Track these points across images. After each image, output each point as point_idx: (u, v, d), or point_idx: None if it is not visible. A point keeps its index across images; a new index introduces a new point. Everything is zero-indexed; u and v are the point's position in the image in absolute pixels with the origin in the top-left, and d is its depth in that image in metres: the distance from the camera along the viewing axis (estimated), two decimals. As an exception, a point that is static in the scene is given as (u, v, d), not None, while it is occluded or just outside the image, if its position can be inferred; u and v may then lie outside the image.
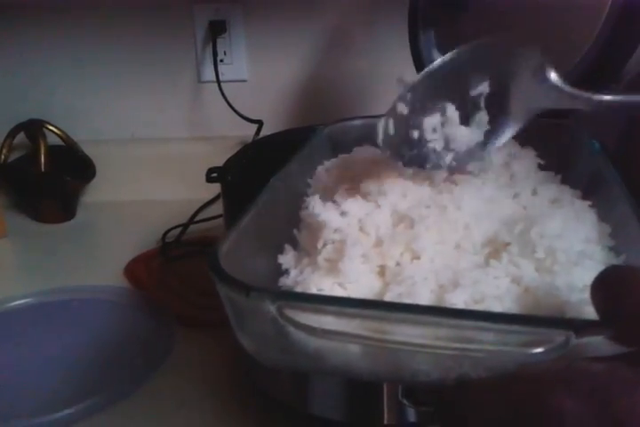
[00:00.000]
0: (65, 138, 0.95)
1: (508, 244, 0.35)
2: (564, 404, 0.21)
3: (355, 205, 0.39)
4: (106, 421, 0.53)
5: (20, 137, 0.95)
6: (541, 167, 0.47)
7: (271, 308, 0.27)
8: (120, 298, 0.71)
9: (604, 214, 0.40)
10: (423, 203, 0.39)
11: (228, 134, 0.99)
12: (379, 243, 0.36)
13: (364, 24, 0.95)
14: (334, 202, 0.40)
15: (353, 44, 0.96)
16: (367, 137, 0.51)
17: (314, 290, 0.33)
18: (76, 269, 0.80)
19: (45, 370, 0.59)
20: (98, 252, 0.87)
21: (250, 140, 0.95)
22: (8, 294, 0.71)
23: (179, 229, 0.84)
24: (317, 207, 0.39)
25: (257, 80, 0.98)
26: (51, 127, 0.94)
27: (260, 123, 0.96)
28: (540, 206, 0.40)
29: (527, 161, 0.46)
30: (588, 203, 0.41)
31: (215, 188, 0.67)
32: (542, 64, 0.39)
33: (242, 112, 0.95)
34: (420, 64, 0.69)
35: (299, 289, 0.34)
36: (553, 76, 0.39)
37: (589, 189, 0.43)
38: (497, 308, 0.31)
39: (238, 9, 0.93)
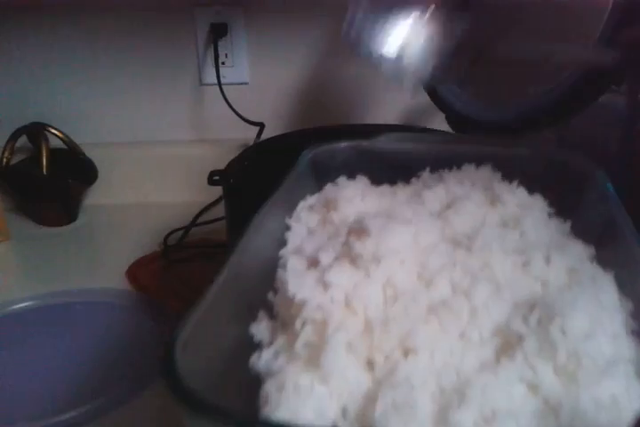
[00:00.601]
0: (67, 141, 0.95)
1: (521, 337, 0.31)
2: None
3: (341, 275, 0.35)
4: (109, 424, 0.53)
5: (23, 140, 0.95)
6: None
7: None
8: (122, 301, 0.71)
9: (620, 279, 0.37)
10: (424, 275, 0.36)
11: (229, 137, 0.99)
12: (368, 328, 0.32)
13: (365, 26, 0.95)
14: (316, 266, 0.36)
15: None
16: (354, 161, 0.51)
17: (290, 387, 0.29)
18: (78, 271, 0.80)
19: (48, 373, 0.59)
20: (100, 254, 0.87)
21: (251, 142, 0.95)
22: (10, 297, 0.71)
23: (180, 232, 0.84)
24: (294, 278, 0.35)
25: (258, 83, 0.98)
26: (53, 130, 0.94)
27: (261, 125, 0.96)
28: (557, 281, 0.36)
29: (537, 213, 0.44)
30: (607, 275, 0.37)
31: (217, 190, 0.67)
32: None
33: (243, 115, 0.95)
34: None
35: (272, 382, 0.30)
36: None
37: (601, 240, 0.41)
38: None
39: (239, 11, 0.93)
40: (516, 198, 0.44)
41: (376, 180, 0.50)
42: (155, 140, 1.01)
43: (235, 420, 0.25)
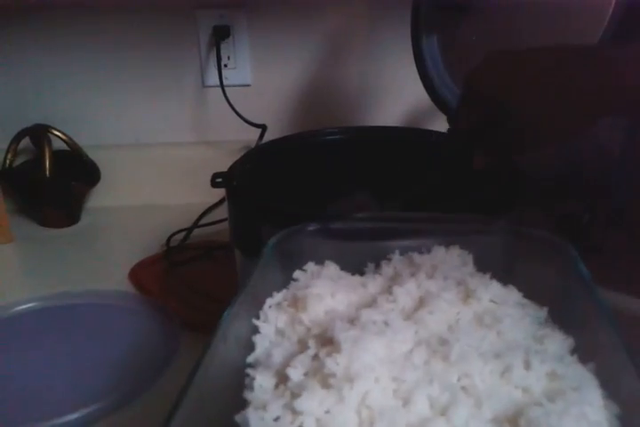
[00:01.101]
0: (70, 143, 0.95)
1: None
2: None
3: (312, 402, 0.33)
4: (112, 425, 0.53)
5: (25, 142, 0.96)
6: (528, 295, 0.45)
7: None
8: (124, 302, 0.71)
9: (603, 376, 0.36)
10: (401, 391, 0.34)
11: (231, 139, 0.99)
12: None
13: (367, 29, 0.95)
14: (285, 383, 0.35)
15: (356, 49, 0.96)
16: (320, 245, 0.49)
17: None
18: (81, 273, 0.80)
19: (50, 375, 0.59)
20: (102, 256, 0.87)
21: (253, 144, 0.95)
22: (13, 299, 0.72)
23: (183, 234, 0.84)
24: (255, 414, 0.33)
25: (261, 85, 0.98)
26: (56, 132, 0.94)
27: (263, 127, 0.97)
28: (538, 387, 0.35)
29: (512, 309, 0.43)
30: (589, 375, 0.37)
31: (219, 192, 0.67)
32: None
33: (246, 116, 0.95)
34: (422, 67, 0.70)
35: None
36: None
37: (578, 325, 0.41)
38: None
39: (242, 14, 0.94)
40: (490, 293, 0.44)
41: (345, 262, 0.49)
42: (157, 142, 1.01)
43: None
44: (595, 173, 0.69)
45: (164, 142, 1.01)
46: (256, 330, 0.42)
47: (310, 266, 0.48)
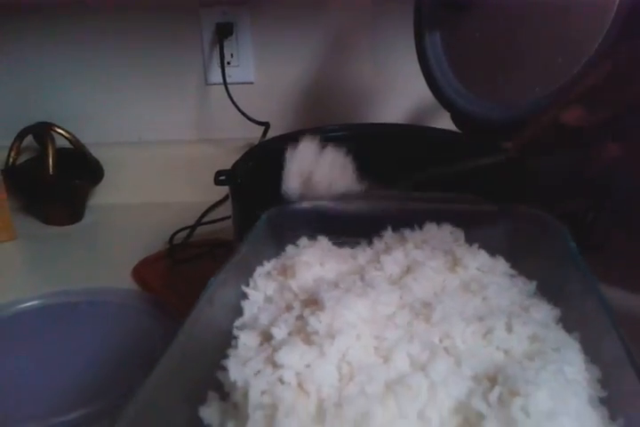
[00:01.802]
0: (73, 141, 0.95)
1: (481, 416, 0.30)
2: None
3: (292, 355, 0.33)
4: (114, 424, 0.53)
5: (29, 140, 0.96)
6: (515, 268, 0.45)
7: None
8: (128, 300, 0.71)
9: (587, 341, 0.36)
10: (381, 349, 0.35)
11: (234, 136, 0.99)
12: (320, 411, 0.30)
13: (369, 26, 0.95)
14: (269, 341, 0.36)
15: (358, 46, 0.96)
16: (314, 222, 0.49)
17: None
18: (84, 271, 0.80)
19: (54, 372, 0.59)
20: (106, 254, 0.87)
21: (257, 142, 0.95)
22: (17, 297, 0.72)
23: (186, 231, 0.84)
24: (236, 363, 0.34)
25: (264, 82, 0.98)
26: (59, 130, 0.94)
27: (266, 125, 0.97)
28: (519, 349, 0.35)
29: (498, 277, 0.43)
30: (572, 341, 0.37)
31: (222, 189, 0.67)
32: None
33: (249, 114, 0.95)
34: (425, 65, 0.69)
35: None
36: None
37: (565, 297, 0.41)
38: None
39: (245, 11, 0.93)
40: (477, 262, 0.44)
41: (338, 240, 0.49)
42: (160, 140, 1.01)
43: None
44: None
45: (167, 140, 1.01)
46: (245, 296, 0.42)
47: (303, 241, 0.48)
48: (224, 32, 0.93)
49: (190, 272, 0.76)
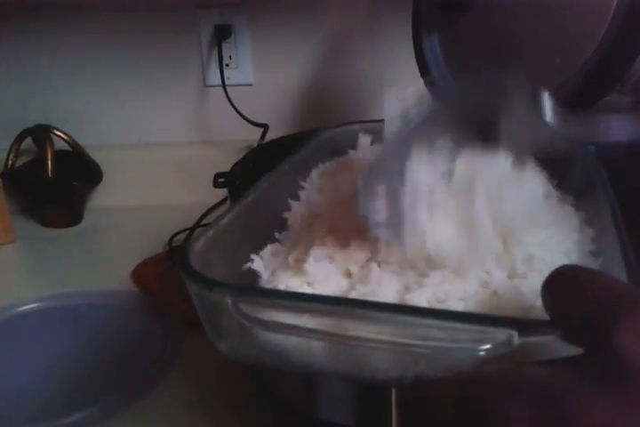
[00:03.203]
0: (72, 143, 0.95)
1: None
2: (509, 406, 0.22)
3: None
4: (116, 425, 0.53)
5: (28, 142, 0.96)
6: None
7: (229, 302, 0.28)
8: (127, 302, 0.71)
9: (590, 218, 0.39)
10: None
11: (233, 138, 0.99)
12: (345, 245, 0.36)
13: (367, 27, 0.95)
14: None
15: (357, 48, 0.96)
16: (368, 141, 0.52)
17: (282, 288, 0.33)
18: (84, 273, 0.80)
19: (53, 375, 0.59)
20: (105, 256, 0.87)
21: (255, 143, 0.95)
22: (16, 299, 0.72)
23: (186, 234, 0.84)
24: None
25: (262, 84, 0.98)
26: (58, 132, 0.94)
27: (265, 127, 0.97)
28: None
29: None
30: (573, 209, 0.40)
31: (221, 191, 0.67)
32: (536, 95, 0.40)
33: (247, 116, 0.95)
34: (423, 66, 0.69)
35: (266, 286, 0.34)
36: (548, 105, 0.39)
37: (581, 193, 0.43)
38: (459, 308, 0.30)
39: (243, 13, 0.94)
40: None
41: None
42: (159, 142, 1.01)
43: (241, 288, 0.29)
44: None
45: (165, 142, 1.01)
46: (302, 188, 0.46)
47: (353, 152, 0.50)
48: (222, 34, 0.93)
49: (190, 274, 0.76)
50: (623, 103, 0.59)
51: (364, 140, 0.50)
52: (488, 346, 0.25)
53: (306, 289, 0.33)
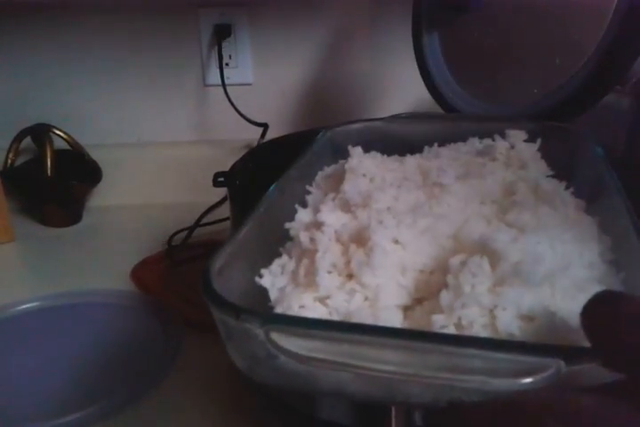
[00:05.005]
0: (71, 142, 0.95)
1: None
2: None
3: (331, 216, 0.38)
4: (114, 425, 0.53)
5: (27, 141, 0.96)
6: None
7: (259, 331, 0.27)
8: (127, 302, 0.71)
9: (605, 225, 0.38)
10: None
11: (233, 138, 0.99)
12: (346, 250, 0.36)
13: (368, 27, 0.95)
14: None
15: (357, 47, 0.96)
16: (368, 140, 0.51)
17: (296, 307, 0.32)
18: (83, 272, 0.80)
19: (52, 374, 0.59)
20: (104, 255, 0.87)
21: (255, 143, 0.95)
22: (15, 299, 0.71)
23: (185, 233, 0.84)
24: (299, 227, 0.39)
25: (262, 83, 0.98)
26: (57, 131, 0.94)
27: (265, 126, 0.97)
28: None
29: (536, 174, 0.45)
30: (590, 217, 0.39)
31: (221, 191, 0.67)
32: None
33: (247, 115, 0.95)
34: (423, 66, 0.69)
35: (281, 307, 0.33)
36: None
37: (593, 196, 0.42)
38: (485, 335, 0.29)
39: (243, 12, 0.94)
40: (519, 160, 0.46)
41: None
42: (159, 142, 1.01)
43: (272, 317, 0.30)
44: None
45: (165, 142, 1.01)
46: (308, 193, 0.45)
47: (357, 150, 0.50)
48: (222, 33, 0.93)
49: (189, 274, 0.76)
50: (623, 103, 0.59)
51: (356, 150, 0.49)
52: (536, 377, 0.24)
53: (319, 308, 0.32)
